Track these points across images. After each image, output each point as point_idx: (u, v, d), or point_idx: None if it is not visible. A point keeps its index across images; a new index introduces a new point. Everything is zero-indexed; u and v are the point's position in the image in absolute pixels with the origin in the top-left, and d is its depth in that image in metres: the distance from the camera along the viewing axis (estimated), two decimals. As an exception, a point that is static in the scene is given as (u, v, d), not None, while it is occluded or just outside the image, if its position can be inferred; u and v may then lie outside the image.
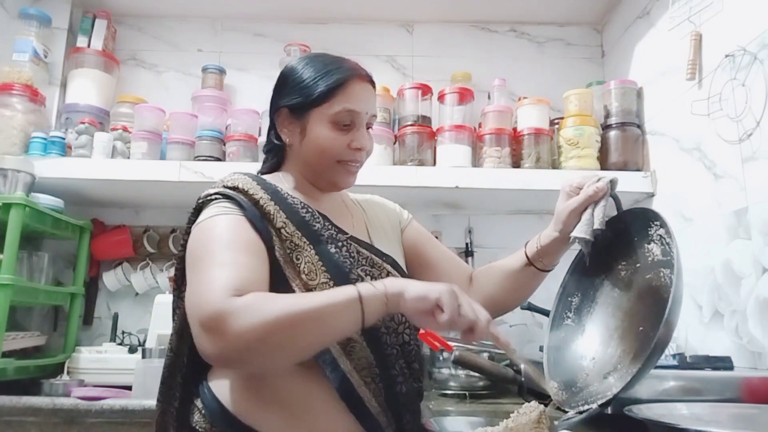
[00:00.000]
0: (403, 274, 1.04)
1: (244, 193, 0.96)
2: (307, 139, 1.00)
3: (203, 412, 0.93)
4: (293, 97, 1.01)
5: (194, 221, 0.95)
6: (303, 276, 0.92)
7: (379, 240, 1.07)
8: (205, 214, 0.93)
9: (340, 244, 0.98)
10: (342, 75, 1.02)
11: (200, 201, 0.97)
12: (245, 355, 0.78)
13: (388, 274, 1.00)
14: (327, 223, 0.99)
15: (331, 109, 0.99)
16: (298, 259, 0.93)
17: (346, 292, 0.81)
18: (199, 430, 0.92)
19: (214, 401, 0.92)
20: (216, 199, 0.95)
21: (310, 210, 0.99)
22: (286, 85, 1.04)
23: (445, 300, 0.78)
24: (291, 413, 0.90)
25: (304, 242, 0.95)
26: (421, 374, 1.03)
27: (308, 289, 0.92)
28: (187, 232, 0.96)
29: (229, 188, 0.97)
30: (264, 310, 0.77)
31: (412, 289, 0.81)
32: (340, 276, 0.94)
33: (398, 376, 0.95)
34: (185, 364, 0.97)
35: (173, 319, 1.01)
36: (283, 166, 1.07)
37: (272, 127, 1.06)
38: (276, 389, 0.91)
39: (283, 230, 0.94)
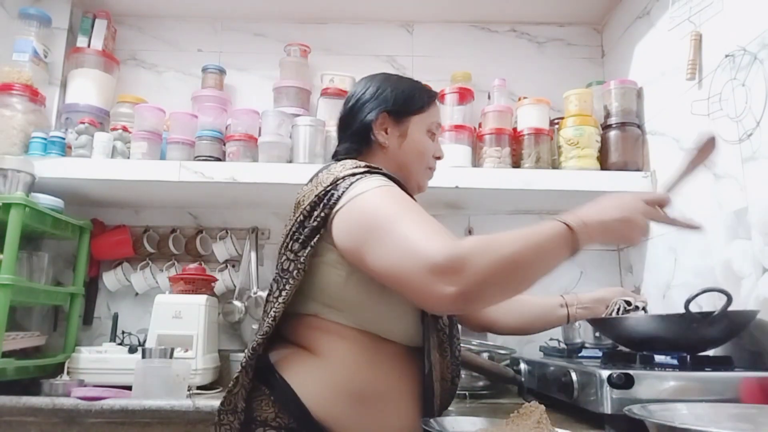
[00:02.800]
0: None
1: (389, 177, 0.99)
2: (408, 142, 1.11)
3: (272, 399, 0.93)
4: (396, 103, 1.10)
5: (342, 193, 0.93)
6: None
7: None
8: (370, 182, 0.93)
9: None
10: (432, 92, 1.18)
11: (355, 175, 0.96)
12: (486, 290, 0.82)
13: None
14: None
15: (427, 119, 1.13)
16: None
17: (557, 226, 0.87)
18: (260, 416, 0.93)
19: (288, 391, 0.92)
20: (370, 173, 0.97)
21: None
22: (383, 92, 1.11)
23: (643, 226, 0.94)
24: (365, 409, 0.93)
25: None
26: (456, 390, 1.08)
27: None
28: (332, 201, 0.93)
29: (375, 169, 0.99)
30: (497, 248, 0.81)
31: (608, 220, 0.91)
32: None
33: (450, 381, 1.03)
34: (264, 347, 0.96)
35: (282, 291, 0.96)
36: (371, 162, 1.07)
37: (359, 131, 1.10)
38: (355, 383, 0.94)
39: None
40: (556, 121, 1.95)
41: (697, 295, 1.16)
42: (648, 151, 1.84)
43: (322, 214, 0.94)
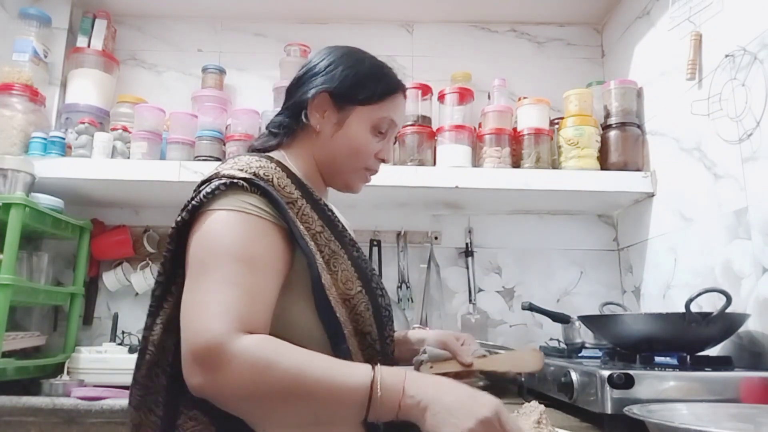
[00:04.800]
0: None
1: (280, 189, 0.85)
2: (343, 133, 0.96)
3: (206, 422, 0.79)
4: (342, 86, 0.96)
5: (202, 200, 0.82)
6: (341, 285, 0.84)
7: None
8: (223, 202, 0.81)
9: (357, 247, 0.92)
10: (395, 83, 1.02)
11: (220, 181, 0.82)
12: (229, 403, 0.73)
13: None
14: (342, 224, 0.92)
15: (376, 113, 0.98)
16: (335, 267, 0.85)
17: (361, 375, 0.72)
18: None
19: (229, 417, 0.75)
20: (240, 186, 0.82)
21: (329, 208, 0.92)
22: (334, 69, 0.97)
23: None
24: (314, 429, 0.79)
25: (338, 247, 0.87)
26: None
27: (345, 299, 0.84)
28: (189, 211, 0.83)
29: (261, 178, 0.84)
30: (272, 366, 0.70)
31: (447, 411, 0.69)
32: (367, 285, 0.87)
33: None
34: (170, 363, 0.82)
35: (154, 309, 0.85)
36: (291, 146, 0.98)
37: (296, 105, 0.97)
38: None
39: (320, 236, 0.86)
40: (556, 121, 1.95)
41: (697, 296, 1.16)
42: (648, 151, 1.84)
43: (180, 211, 0.85)
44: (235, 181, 0.82)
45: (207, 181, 0.86)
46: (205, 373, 0.70)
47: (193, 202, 0.83)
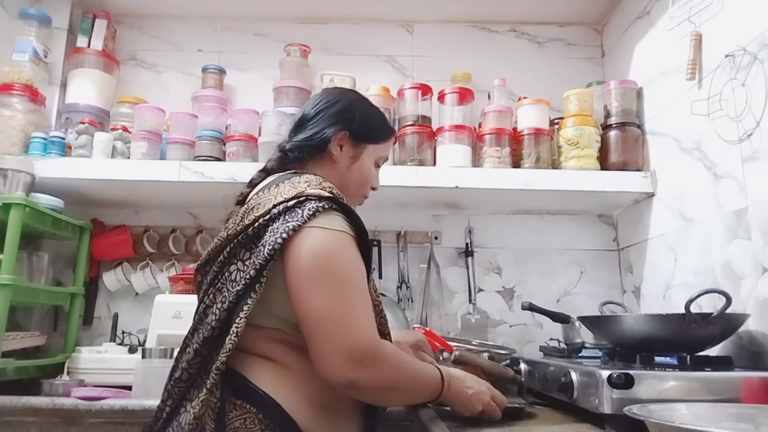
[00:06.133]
0: None
1: (352, 211, 1.02)
2: (358, 166, 1.17)
3: (259, 417, 0.92)
4: (360, 127, 1.16)
5: (306, 218, 0.94)
6: (373, 293, 1.02)
7: None
8: (331, 222, 0.96)
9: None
10: (392, 128, 1.31)
11: (319, 203, 0.96)
12: (373, 390, 0.94)
13: None
14: None
15: (380, 151, 1.21)
16: (371, 278, 1.03)
17: (437, 382, 1.02)
18: None
19: (276, 408, 0.93)
20: (335, 208, 0.99)
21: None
22: (354, 113, 1.17)
23: (478, 408, 1.05)
24: (336, 418, 1.00)
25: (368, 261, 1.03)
26: None
27: (375, 304, 1.01)
28: (294, 229, 0.94)
29: (339, 197, 1.02)
30: (402, 364, 0.97)
31: (462, 397, 1.04)
32: (377, 299, 1.06)
33: None
34: (220, 360, 0.93)
35: (242, 303, 0.94)
36: (317, 169, 1.13)
37: (318, 138, 1.13)
38: (326, 395, 0.97)
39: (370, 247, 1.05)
40: (556, 121, 1.95)
41: (697, 296, 1.16)
42: (648, 151, 1.84)
43: (282, 231, 0.94)
44: (330, 195, 1.00)
45: (293, 199, 0.98)
46: (364, 370, 0.90)
47: (296, 221, 0.94)
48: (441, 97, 1.95)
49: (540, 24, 2.22)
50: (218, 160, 1.87)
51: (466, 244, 2.03)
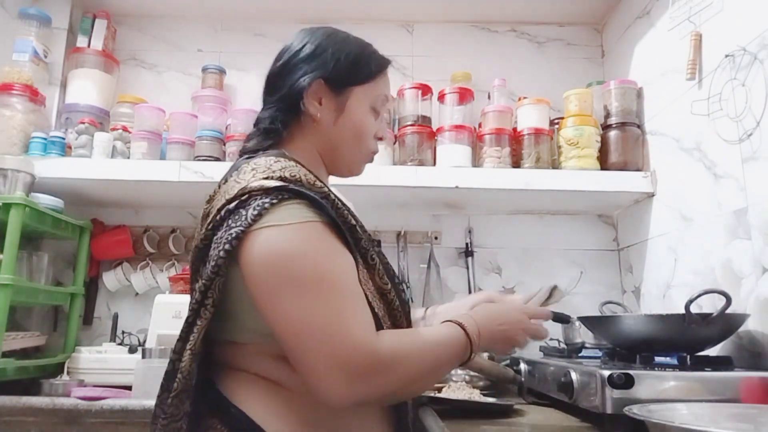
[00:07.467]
0: None
1: (311, 186, 0.81)
2: (345, 117, 0.93)
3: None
4: (336, 69, 0.92)
5: (250, 221, 0.76)
6: (377, 279, 0.84)
7: None
8: (284, 217, 0.77)
9: (378, 242, 0.94)
10: (383, 58, 1.01)
11: (263, 200, 0.78)
12: (389, 396, 0.81)
13: None
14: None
15: (373, 91, 0.96)
16: (372, 261, 0.85)
17: (461, 341, 0.85)
18: None
19: (248, 425, 0.79)
20: (287, 198, 0.78)
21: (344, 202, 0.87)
22: (323, 53, 0.93)
23: (521, 340, 0.94)
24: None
25: (368, 240, 0.86)
26: None
27: (383, 293, 0.85)
28: (238, 237, 0.77)
29: (289, 181, 0.80)
30: (411, 354, 0.80)
31: (495, 332, 0.91)
32: (392, 279, 0.87)
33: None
34: (193, 387, 0.82)
35: (185, 334, 0.82)
36: (290, 141, 0.93)
37: (288, 97, 0.93)
38: (320, 412, 0.81)
39: (355, 229, 0.84)
40: (556, 121, 1.95)
41: (697, 297, 1.16)
42: (648, 151, 1.84)
43: (225, 242, 0.78)
44: (279, 185, 0.79)
45: (235, 199, 0.80)
46: (366, 382, 0.75)
47: (239, 227, 0.77)
48: (441, 97, 1.95)
49: (540, 24, 2.22)
50: (218, 160, 1.87)
51: (466, 244, 2.03)
